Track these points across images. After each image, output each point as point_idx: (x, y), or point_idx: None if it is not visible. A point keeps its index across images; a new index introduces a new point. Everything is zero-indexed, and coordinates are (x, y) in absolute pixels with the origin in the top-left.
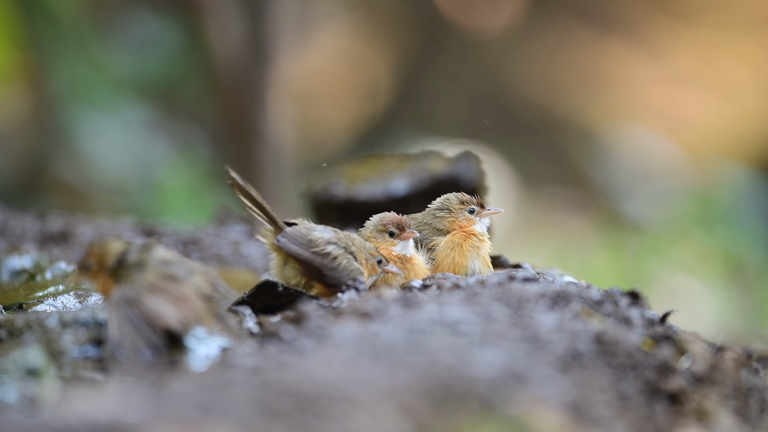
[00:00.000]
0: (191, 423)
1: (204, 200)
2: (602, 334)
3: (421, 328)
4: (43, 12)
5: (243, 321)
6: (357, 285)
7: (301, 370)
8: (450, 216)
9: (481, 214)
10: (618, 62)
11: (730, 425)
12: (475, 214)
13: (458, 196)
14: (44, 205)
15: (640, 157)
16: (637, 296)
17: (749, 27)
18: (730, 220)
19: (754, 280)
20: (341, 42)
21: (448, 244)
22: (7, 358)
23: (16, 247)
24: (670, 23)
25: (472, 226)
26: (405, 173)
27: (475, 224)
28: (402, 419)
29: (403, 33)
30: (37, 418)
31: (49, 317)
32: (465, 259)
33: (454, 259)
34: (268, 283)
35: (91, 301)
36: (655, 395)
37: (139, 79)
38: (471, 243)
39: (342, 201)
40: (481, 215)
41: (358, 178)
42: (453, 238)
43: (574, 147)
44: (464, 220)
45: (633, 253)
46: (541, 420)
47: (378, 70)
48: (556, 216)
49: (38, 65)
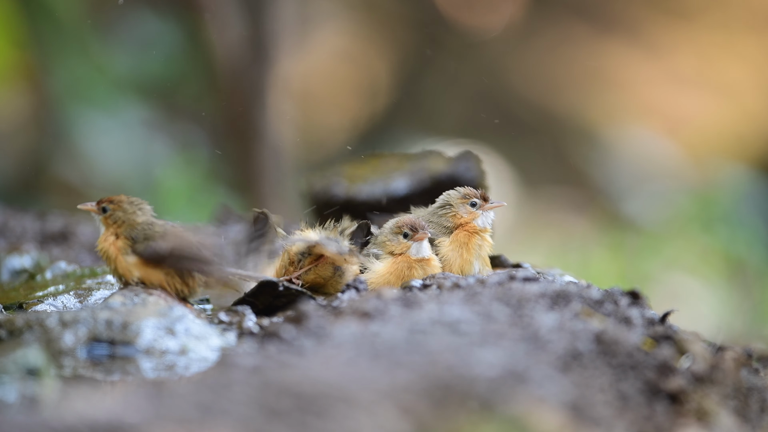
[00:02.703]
0: (191, 423)
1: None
2: (602, 334)
3: (421, 327)
4: (43, 12)
5: (243, 320)
6: (357, 285)
7: (301, 369)
8: (451, 211)
9: (484, 207)
10: (618, 62)
11: (730, 425)
12: (478, 207)
13: (460, 190)
14: (44, 205)
15: (640, 156)
16: (637, 296)
17: (749, 27)
18: (730, 220)
19: (754, 280)
20: (341, 42)
21: (453, 244)
22: (7, 358)
23: (16, 247)
24: (670, 23)
25: (474, 220)
26: (405, 173)
27: (477, 218)
28: (402, 419)
29: (403, 33)
30: (37, 418)
31: (49, 317)
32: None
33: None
34: (269, 282)
35: (91, 300)
36: (655, 395)
37: (139, 79)
38: (475, 242)
39: (342, 201)
40: (484, 208)
41: (358, 178)
42: (457, 237)
43: (574, 147)
44: (465, 214)
45: (633, 252)
46: (541, 420)
47: (378, 70)
48: (556, 216)
49: (38, 65)
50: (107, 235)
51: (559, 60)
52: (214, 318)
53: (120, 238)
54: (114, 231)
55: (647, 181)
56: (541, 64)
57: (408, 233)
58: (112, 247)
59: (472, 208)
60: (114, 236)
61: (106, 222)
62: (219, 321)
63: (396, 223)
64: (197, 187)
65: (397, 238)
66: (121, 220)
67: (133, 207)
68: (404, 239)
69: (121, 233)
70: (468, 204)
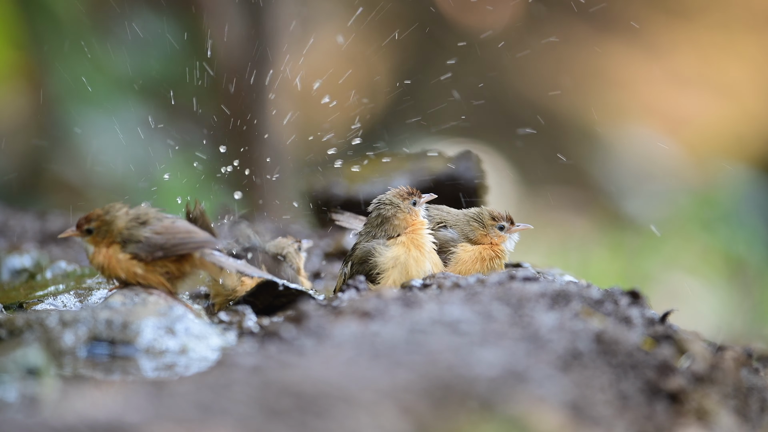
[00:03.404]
0: (191, 423)
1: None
2: (602, 334)
3: (422, 327)
4: (43, 12)
5: (243, 320)
6: (357, 285)
7: (301, 369)
8: (482, 230)
9: (511, 231)
10: (618, 62)
11: (730, 425)
12: (505, 231)
13: (491, 212)
14: (44, 205)
15: (641, 156)
16: (637, 296)
17: (749, 27)
18: (730, 219)
19: (754, 280)
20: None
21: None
22: (8, 357)
23: (16, 247)
24: (670, 23)
25: (503, 243)
26: (405, 173)
27: (505, 241)
28: (402, 419)
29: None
30: (37, 417)
31: (49, 316)
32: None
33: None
34: (269, 282)
35: (92, 300)
36: (655, 395)
37: (139, 79)
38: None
39: (342, 201)
40: (511, 231)
41: (358, 178)
42: (483, 252)
43: (575, 146)
44: (495, 237)
45: (633, 252)
46: (541, 419)
47: (378, 70)
48: (556, 215)
49: (38, 65)
50: (99, 250)
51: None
52: (214, 318)
53: (111, 246)
54: (106, 244)
55: (647, 180)
56: (541, 64)
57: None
58: (107, 257)
59: (500, 231)
60: (105, 248)
61: (95, 240)
62: (219, 321)
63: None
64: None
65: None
66: (107, 232)
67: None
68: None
69: (111, 242)
70: (496, 227)
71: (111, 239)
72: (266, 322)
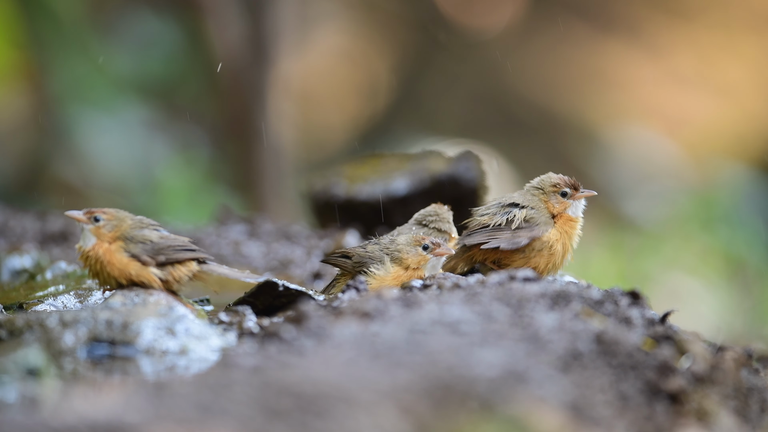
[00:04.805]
0: (191, 423)
1: (204, 200)
2: (602, 334)
3: (422, 328)
4: (43, 12)
5: (243, 320)
6: (357, 285)
7: (301, 370)
8: (543, 195)
9: (575, 197)
10: (618, 62)
11: (730, 425)
12: (568, 197)
13: (552, 178)
14: (44, 205)
15: (640, 156)
16: (637, 296)
17: (749, 27)
18: (730, 220)
19: (754, 280)
20: (341, 42)
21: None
22: (8, 357)
23: (16, 247)
24: (670, 23)
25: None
26: (405, 173)
27: (568, 207)
28: (402, 419)
29: (403, 33)
30: (37, 418)
31: (49, 317)
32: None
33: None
34: (269, 282)
35: (92, 300)
36: (655, 395)
37: (139, 79)
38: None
39: (342, 201)
40: (575, 197)
41: (358, 178)
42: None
43: (575, 147)
44: (557, 204)
45: (633, 252)
46: (542, 420)
47: (378, 70)
48: None
49: (38, 65)
50: (101, 243)
51: (559, 60)
52: (214, 318)
53: (114, 243)
54: (109, 239)
55: (647, 181)
56: (541, 64)
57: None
58: (107, 252)
59: (563, 198)
60: (108, 243)
61: (98, 232)
62: (219, 321)
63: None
64: (197, 187)
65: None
66: (115, 227)
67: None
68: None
69: (115, 238)
70: (558, 194)
71: (116, 235)
72: (266, 323)
